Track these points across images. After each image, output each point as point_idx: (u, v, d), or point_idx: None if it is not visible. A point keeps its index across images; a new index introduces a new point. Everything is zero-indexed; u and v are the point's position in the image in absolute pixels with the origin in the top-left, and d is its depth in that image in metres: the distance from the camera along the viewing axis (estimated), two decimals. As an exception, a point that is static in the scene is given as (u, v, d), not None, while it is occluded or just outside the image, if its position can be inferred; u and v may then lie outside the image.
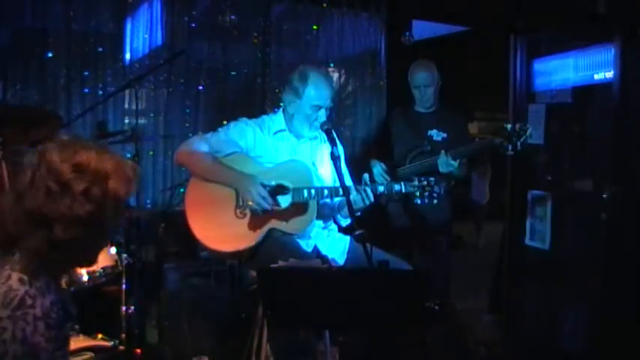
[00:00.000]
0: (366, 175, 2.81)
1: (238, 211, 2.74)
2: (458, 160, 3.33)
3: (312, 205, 2.73)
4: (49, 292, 1.31)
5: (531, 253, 3.96)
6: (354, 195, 2.65)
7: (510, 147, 3.19)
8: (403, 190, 2.82)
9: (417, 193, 2.83)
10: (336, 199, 2.85)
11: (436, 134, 3.65)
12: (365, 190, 2.70)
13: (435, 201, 2.83)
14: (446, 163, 3.31)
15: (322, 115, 2.78)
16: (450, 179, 3.58)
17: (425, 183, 2.82)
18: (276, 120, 2.89)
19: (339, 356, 2.73)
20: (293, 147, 2.87)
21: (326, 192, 2.72)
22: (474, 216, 8.46)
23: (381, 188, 2.80)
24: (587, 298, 3.58)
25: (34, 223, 1.31)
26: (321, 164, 2.91)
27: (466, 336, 3.68)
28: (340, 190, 2.56)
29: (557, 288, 3.77)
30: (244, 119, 2.89)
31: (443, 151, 3.35)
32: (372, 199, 2.71)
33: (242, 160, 2.79)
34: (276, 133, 2.86)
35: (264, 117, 2.94)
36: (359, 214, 2.64)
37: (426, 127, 3.67)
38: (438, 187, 2.82)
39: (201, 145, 2.79)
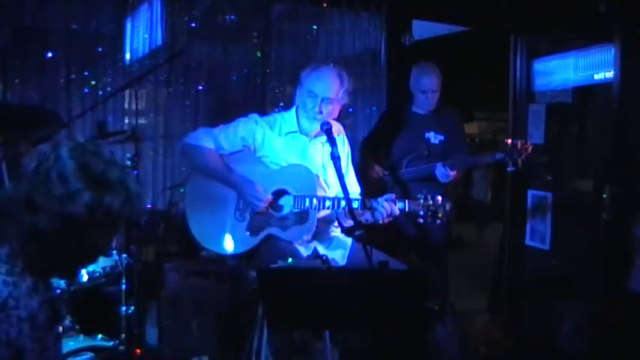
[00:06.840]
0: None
1: (238, 213, 2.73)
2: (455, 171, 3.31)
3: (313, 215, 2.68)
4: (36, 293, 1.29)
5: (531, 253, 3.96)
6: (356, 204, 2.61)
7: (511, 163, 3.14)
8: (407, 209, 2.72)
9: (421, 213, 2.71)
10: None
11: (434, 137, 3.58)
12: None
13: (438, 221, 2.71)
14: (445, 175, 3.30)
15: (324, 106, 2.70)
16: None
17: (430, 203, 2.69)
18: (288, 120, 2.84)
19: (339, 356, 2.73)
20: (304, 148, 2.82)
21: (328, 203, 2.65)
22: (476, 216, 8.44)
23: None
24: (587, 299, 3.58)
25: (22, 205, 1.30)
26: (331, 166, 2.83)
27: (466, 336, 3.67)
28: (343, 201, 2.55)
29: (556, 288, 3.77)
30: (255, 116, 2.85)
31: (440, 164, 3.33)
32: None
33: (247, 159, 2.77)
34: (287, 134, 2.82)
35: (276, 115, 2.90)
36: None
37: (423, 129, 3.60)
38: (442, 210, 2.69)
39: (207, 140, 2.76)
